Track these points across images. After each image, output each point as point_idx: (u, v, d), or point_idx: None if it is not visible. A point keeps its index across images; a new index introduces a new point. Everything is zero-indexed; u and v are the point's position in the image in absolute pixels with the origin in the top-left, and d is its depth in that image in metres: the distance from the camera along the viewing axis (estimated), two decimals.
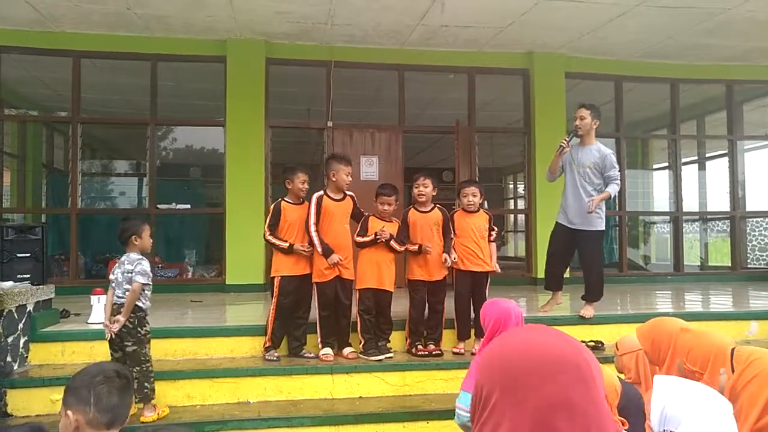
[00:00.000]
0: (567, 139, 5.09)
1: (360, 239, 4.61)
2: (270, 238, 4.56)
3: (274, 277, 4.56)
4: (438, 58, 8.05)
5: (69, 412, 1.81)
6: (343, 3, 6.43)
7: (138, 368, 3.71)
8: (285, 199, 4.67)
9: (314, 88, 8.17)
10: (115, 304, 3.83)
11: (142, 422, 3.69)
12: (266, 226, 4.62)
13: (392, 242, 4.57)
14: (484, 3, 6.45)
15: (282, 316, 4.49)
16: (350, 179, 4.67)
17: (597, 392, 0.91)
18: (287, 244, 4.49)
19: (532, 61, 8.21)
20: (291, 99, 9.10)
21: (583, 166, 5.02)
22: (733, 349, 2.10)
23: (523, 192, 9.25)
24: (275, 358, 4.42)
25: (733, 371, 2.02)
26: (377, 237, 4.51)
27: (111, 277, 3.89)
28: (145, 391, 3.72)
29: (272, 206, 4.71)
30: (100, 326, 4.66)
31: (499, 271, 4.83)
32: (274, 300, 4.49)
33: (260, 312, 5.71)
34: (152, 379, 3.81)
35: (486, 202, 5.21)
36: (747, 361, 2.00)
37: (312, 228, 4.50)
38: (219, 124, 7.73)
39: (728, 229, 9.48)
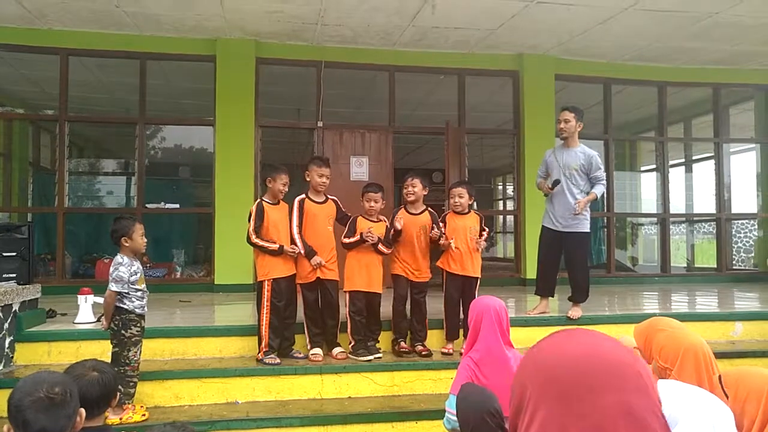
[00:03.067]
0: (550, 186, 5.07)
1: (347, 240, 4.59)
2: (257, 240, 4.40)
3: (262, 281, 4.43)
4: (428, 60, 8.07)
5: (5, 427, 1.83)
6: (334, 3, 6.43)
7: (116, 369, 3.67)
8: (264, 199, 4.56)
9: (304, 88, 8.16)
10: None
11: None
12: (251, 228, 4.40)
13: (380, 246, 4.56)
14: (475, 5, 6.48)
15: (277, 319, 4.42)
16: (324, 180, 4.59)
17: (656, 402, 0.86)
18: (277, 246, 4.39)
19: (521, 63, 8.26)
20: (281, 99, 9.08)
21: (569, 169, 5.03)
22: (719, 376, 2.15)
23: (512, 193, 9.30)
24: (277, 362, 4.33)
25: (727, 397, 2.07)
26: (363, 238, 4.49)
27: None
28: (118, 394, 3.66)
29: (254, 207, 4.50)
30: (87, 326, 4.66)
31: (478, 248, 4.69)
32: (267, 304, 4.38)
33: (249, 312, 5.69)
34: (130, 384, 3.73)
35: (476, 203, 5.21)
36: (737, 383, 2.05)
37: (295, 230, 4.48)
38: (208, 124, 7.70)
39: (714, 231, 9.58)
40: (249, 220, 4.46)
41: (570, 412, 0.81)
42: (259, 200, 4.59)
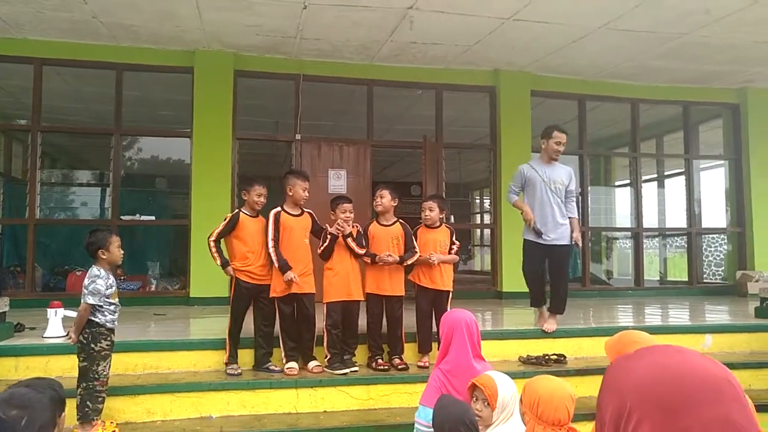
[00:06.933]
0: (534, 229, 5.16)
1: (321, 248, 4.62)
2: (213, 244, 4.57)
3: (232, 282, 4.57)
4: (406, 74, 8.16)
5: None
6: (313, 17, 6.47)
7: (84, 384, 3.60)
8: (243, 210, 4.67)
9: (283, 101, 8.17)
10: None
11: None
12: (217, 230, 4.58)
13: (349, 240, 4.57)
14: (452, 21, 6.58)
15: (236, 326, 4.50)
16: (307, 194, 4.67)
17: (750, 409, 0.89)
18: (220, 261, 4.58)
19: (498, 79, 8.38)
20: (259, 111, 9.07)
21: (555, 183, 5.21)
22: None
23: (489, 206, 9.39)
24: (237, 372, 4.36)
25: None
26: (334, 232, 4.53)
27: None
28: (86, 410, 3.58)
29: (231, 215, 4.66)
30: (57, 341, 4.56)
31: (434, 260, 4.68)
32: (230, 308, 4.50)
33: (224, 325, 5.61)
34: (99, 399, 3.66)
35: (452, 217, 5.26)
36: None
37: (270, 244, 4.49)
38: (185, 135, 7.65)
39: (686, 245, 9.79)
40: (221, 224, 4.61)
41: (675, 426, 0.84)
42: (237, 210, 4.69)
